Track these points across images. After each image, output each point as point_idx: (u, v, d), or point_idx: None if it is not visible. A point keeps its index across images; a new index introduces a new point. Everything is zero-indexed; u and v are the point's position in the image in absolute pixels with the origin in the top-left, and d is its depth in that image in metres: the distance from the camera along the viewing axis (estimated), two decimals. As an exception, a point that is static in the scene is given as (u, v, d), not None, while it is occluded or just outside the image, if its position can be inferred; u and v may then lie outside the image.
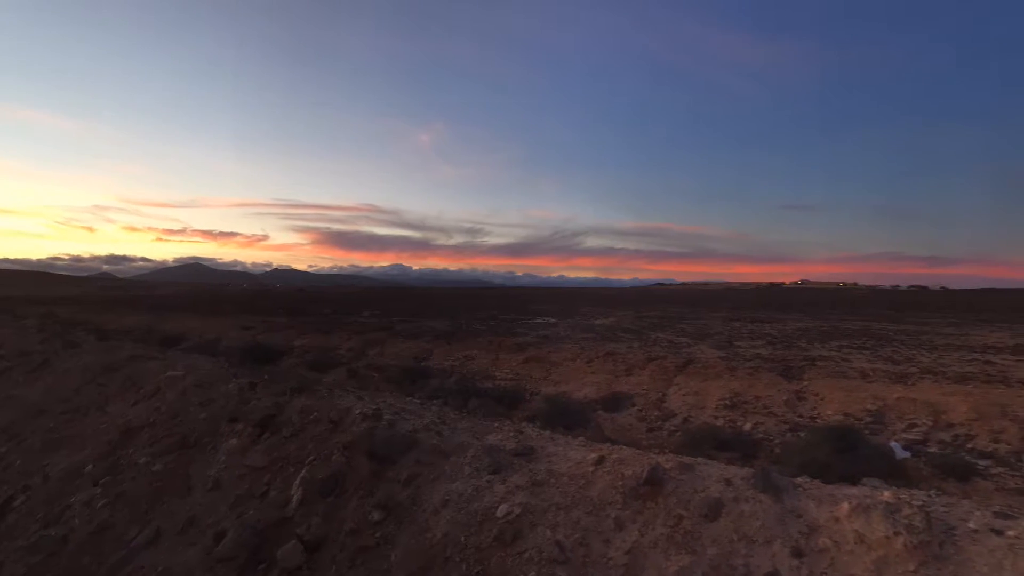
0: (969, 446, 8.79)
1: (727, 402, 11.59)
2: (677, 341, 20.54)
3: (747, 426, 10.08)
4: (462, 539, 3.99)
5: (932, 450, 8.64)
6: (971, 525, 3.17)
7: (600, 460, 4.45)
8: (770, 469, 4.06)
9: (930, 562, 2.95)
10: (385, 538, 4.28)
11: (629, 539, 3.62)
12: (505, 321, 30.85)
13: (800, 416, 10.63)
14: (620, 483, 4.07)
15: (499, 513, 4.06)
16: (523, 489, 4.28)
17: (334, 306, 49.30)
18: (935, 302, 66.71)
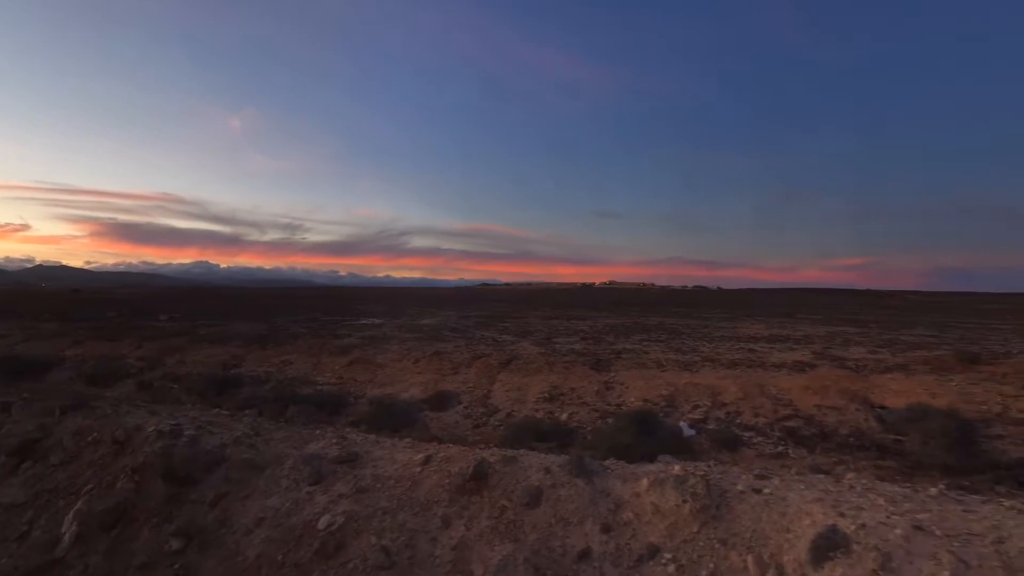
0: (738, 421, 10.44)
1: (546, 395, 12.35)
2: (501, 339, 21.37)
3: (564, 416, 10.84)
4: (279, 557, 3.72)
5: (711, 427, 10.09)
6: (739, 487, 3.77)
7: (427, 460, 4.45)
8: (583, 455, 4.42)
9: (709, 522, 3.45)
10: (186, 567, 3.82)
11: (456, 535, 3.68)
12: (328, 322, 29.41)
13: (609, 404, 11.72)
14: (447, 481, 4.11)
15: (321, 525, 3.86)
16: (347, 497, 4.12)
17: (122, 308, 42.68)
18: (713, 300, 78.22)
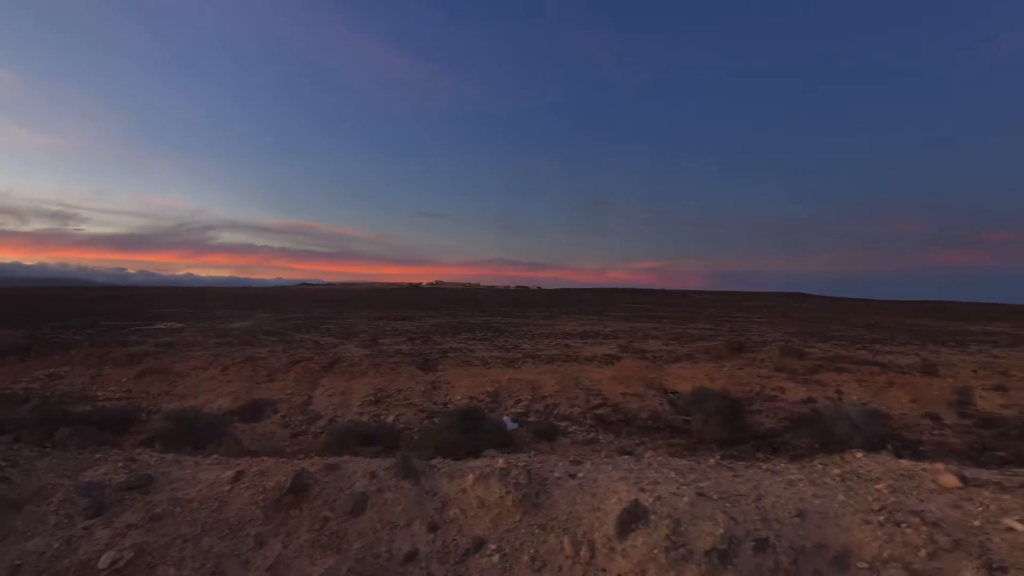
0: (556, 412, 11.17)
1: (372, 397, 12.02)
2: (323, 342, 20.31)
3: (390, 418, 10.65)
4: (44, 610, 3.12)
5: (531, 419, 10.66)
6: (556, 474, 4.04)
7: (238, 476, 4.06)
8: (410, 456, 4.38)
9: (530, 510, 3.65)
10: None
11: (271, 554, 3.41)
12: (112, 328, 25.33)
13: (435, 403, 11.77)
14: (261, 497, 3.79)
15: (102, 564, 3.30)
16: (137, 528, 3.59)
17: None
18: (534, 300, 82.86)
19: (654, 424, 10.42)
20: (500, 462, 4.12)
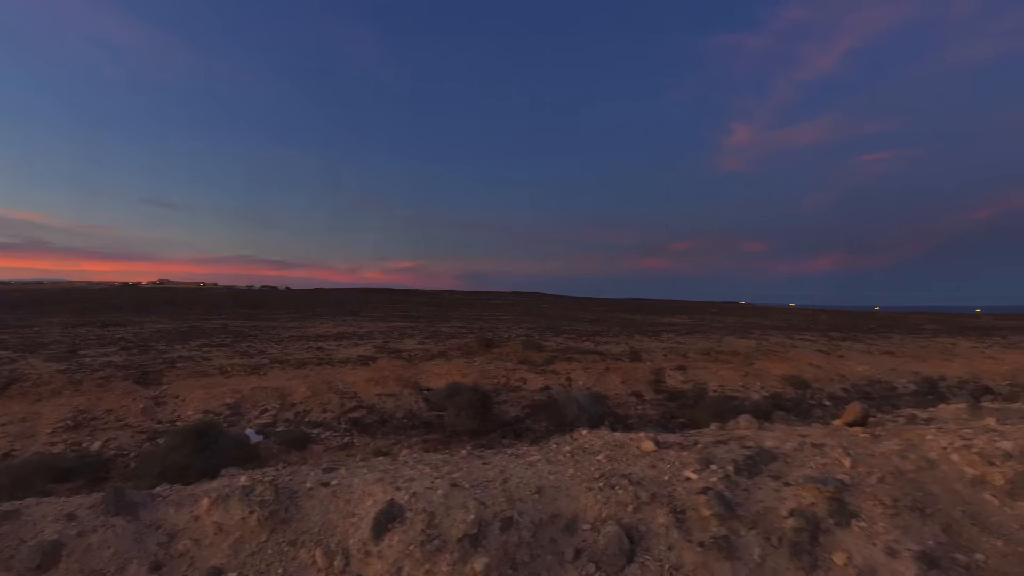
0: (307, 419, 10.56)
1: (69, 423, 9.81)
2: (-7, 357, 15.87)
3: (96, 445, 8.83)
4: None
5: (280, 429, 9.90)
6: (308, 485, 3.81)
7: None
8: (123, 487, 3.69)
9: (279, 527, 3.38)
10: None
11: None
12: None
13: (160, 422, 10.15)
14: None
15: None
16: None
17: None
18: (283, 300, 76.95)
19: (410, 422, 10.57)
20: (242, 480, 3.74)
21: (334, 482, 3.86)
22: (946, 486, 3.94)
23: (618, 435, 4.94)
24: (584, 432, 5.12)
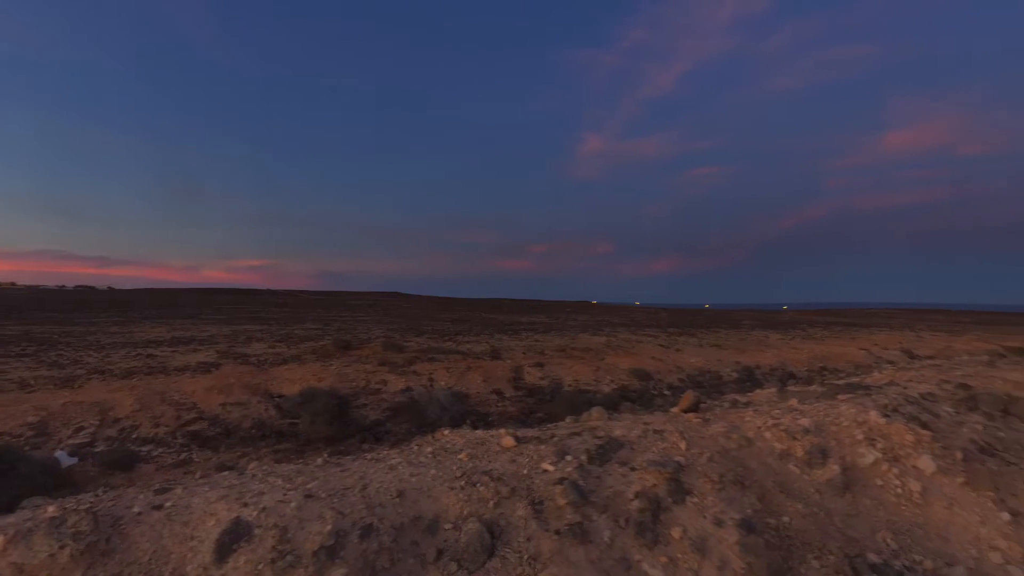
0: (134, 436, 9.38)
1: None
2: None
3: None
4: None
5: (100, 449, 8.69)
6: (136, 509, 3.39)
7: None
8: None
9: (98, 561, 2.96)
10: None
11: None
12: None
13: (-66, 450, 8.40)
14: None
15: None
16: None
17: None
18: (103, 301, 67.53)
19: (259, 432, 9.84)
20: (50, 510, 3.21)
21: (168, 504, 3.47)
22: (761, 460, 4.53)
23: (479, 433, 5.02)
24: (446, 432, 5.13)
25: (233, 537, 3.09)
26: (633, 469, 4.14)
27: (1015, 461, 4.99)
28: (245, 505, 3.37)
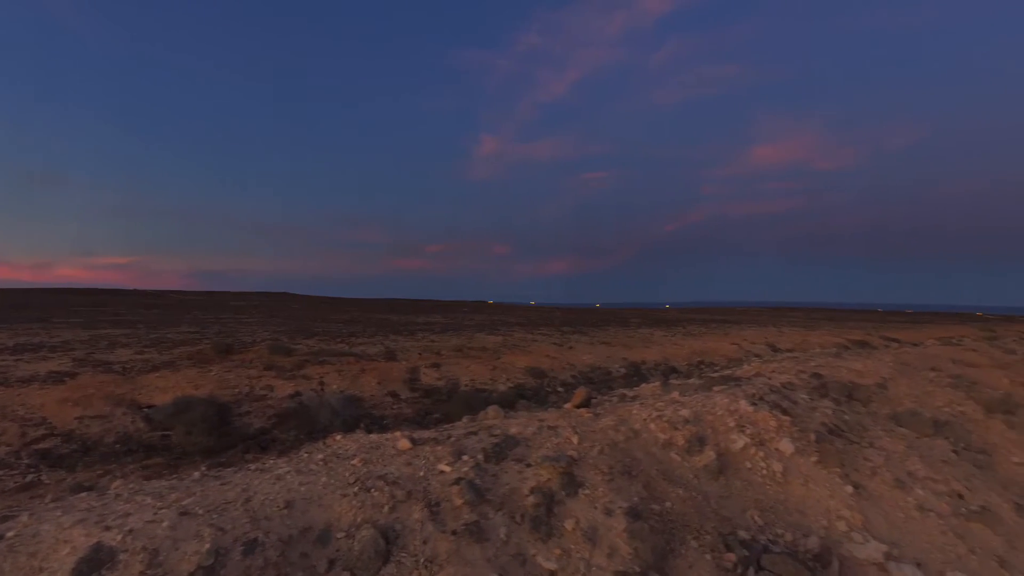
0: (-34, 458, 8.15)
1: None
2: None
3: None
4: None
5: (-80, 475, 7.47)
6: (-32, 542, 2.95)
7: None
8: None
9: (-83, 606, 2.54)
10: None
11: None
12: None
13: None
14: None
15: None
16: None
17: None
18: (-76, 304, 57.83)
19: (124, 448, 8.93)
20: None
21: (11, 533, 3.05)
22: (646, 451, 4.80)
23: (374, 436, 4.89)
24: (339, 437, 4.95)
25: (92, 565, 2.78)
26: (528, 465, 4.23)
27: (856, 440, 5.69)
28: (107, 528, 3.04)
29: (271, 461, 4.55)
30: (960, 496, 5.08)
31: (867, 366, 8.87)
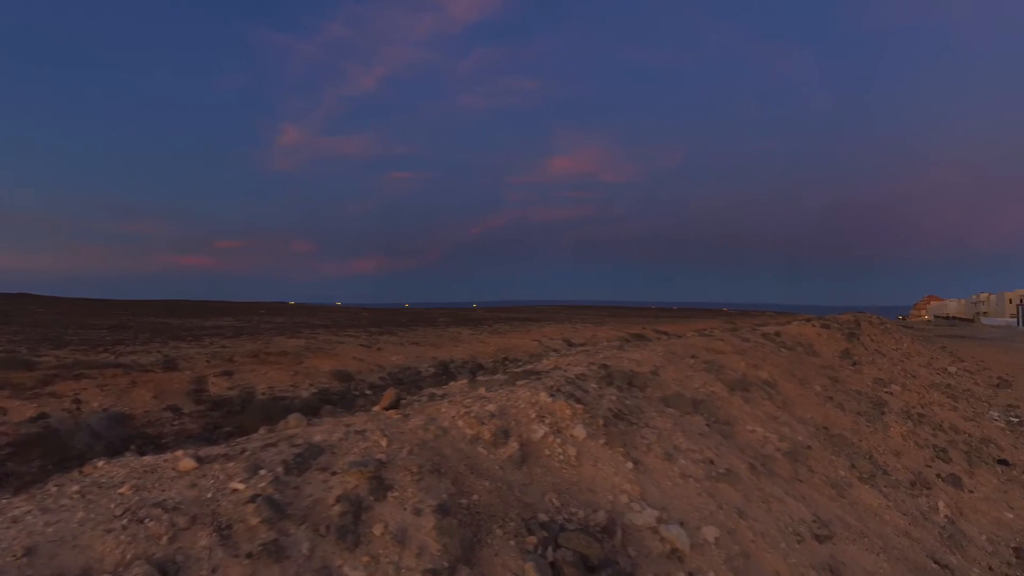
0: None
1: None
2: None
3: None
4: None
5: None
6: None
7: None
8: None
9: None
10: None
11: None
12: None
13: None
14: None
15: None
16: None
17: None
18: None
19: None
20: None
21: None
22: (455, 447, 4.90)
23: (148, 459, 4.25)
24: (100, 463, 4.20)
25: None
26: (334, 473, 4.04)
27: (635, 422, 6.47)
28: None
29: (5, 500, 3.70)
30: (711, 462, 6.09)
31: (643, 356, 10.15)
